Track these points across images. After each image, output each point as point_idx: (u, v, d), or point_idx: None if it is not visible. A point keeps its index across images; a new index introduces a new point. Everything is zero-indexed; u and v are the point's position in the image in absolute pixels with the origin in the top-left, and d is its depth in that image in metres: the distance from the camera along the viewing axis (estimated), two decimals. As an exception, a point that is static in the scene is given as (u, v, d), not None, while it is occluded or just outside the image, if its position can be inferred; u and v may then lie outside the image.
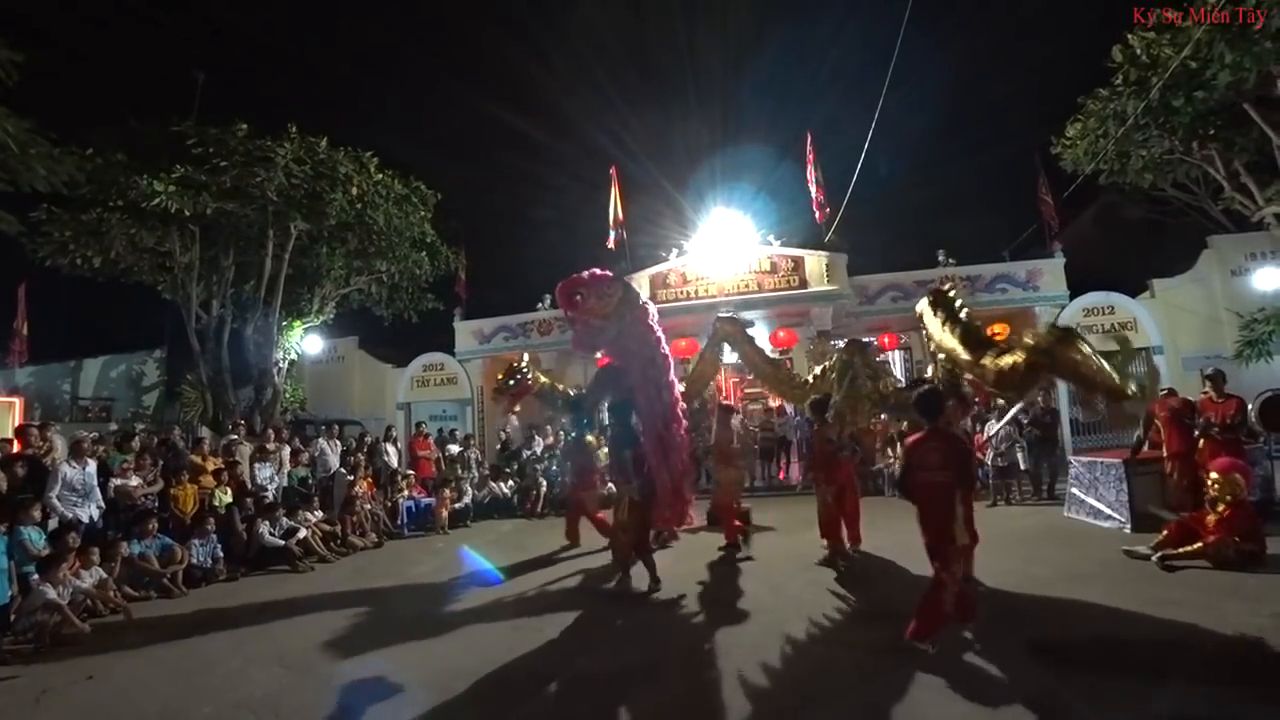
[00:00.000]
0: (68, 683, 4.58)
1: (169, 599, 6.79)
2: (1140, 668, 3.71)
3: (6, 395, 11.50)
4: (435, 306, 17.14)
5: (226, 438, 10.16)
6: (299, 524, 8.44)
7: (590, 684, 4.08)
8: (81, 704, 4.24)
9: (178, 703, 4.11)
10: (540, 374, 8.33)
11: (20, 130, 8.79)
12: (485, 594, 6.31)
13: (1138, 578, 5.38)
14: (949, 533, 4.06)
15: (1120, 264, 15.27)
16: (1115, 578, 5.39)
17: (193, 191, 11.78)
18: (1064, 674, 3.67)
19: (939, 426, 4.44)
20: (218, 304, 14.06)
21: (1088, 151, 13.17)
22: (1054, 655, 3.94)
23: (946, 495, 4.10)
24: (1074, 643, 4.14)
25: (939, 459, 4.21)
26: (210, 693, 4.22)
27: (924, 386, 4.99)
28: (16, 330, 18.44)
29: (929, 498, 4.22)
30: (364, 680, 4.30)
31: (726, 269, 13.84)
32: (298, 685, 4.26)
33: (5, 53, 8.48)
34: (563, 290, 6.25)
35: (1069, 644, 4.12)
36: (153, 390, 18.40)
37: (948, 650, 4.02)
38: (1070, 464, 8.67)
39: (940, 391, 5.04)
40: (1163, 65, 10.65)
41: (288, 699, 4.06)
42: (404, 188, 14.65)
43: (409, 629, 5.26)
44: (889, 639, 4.20)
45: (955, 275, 14.16)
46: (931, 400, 4.57)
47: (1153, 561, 5.70)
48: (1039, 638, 4.21)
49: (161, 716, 3.96)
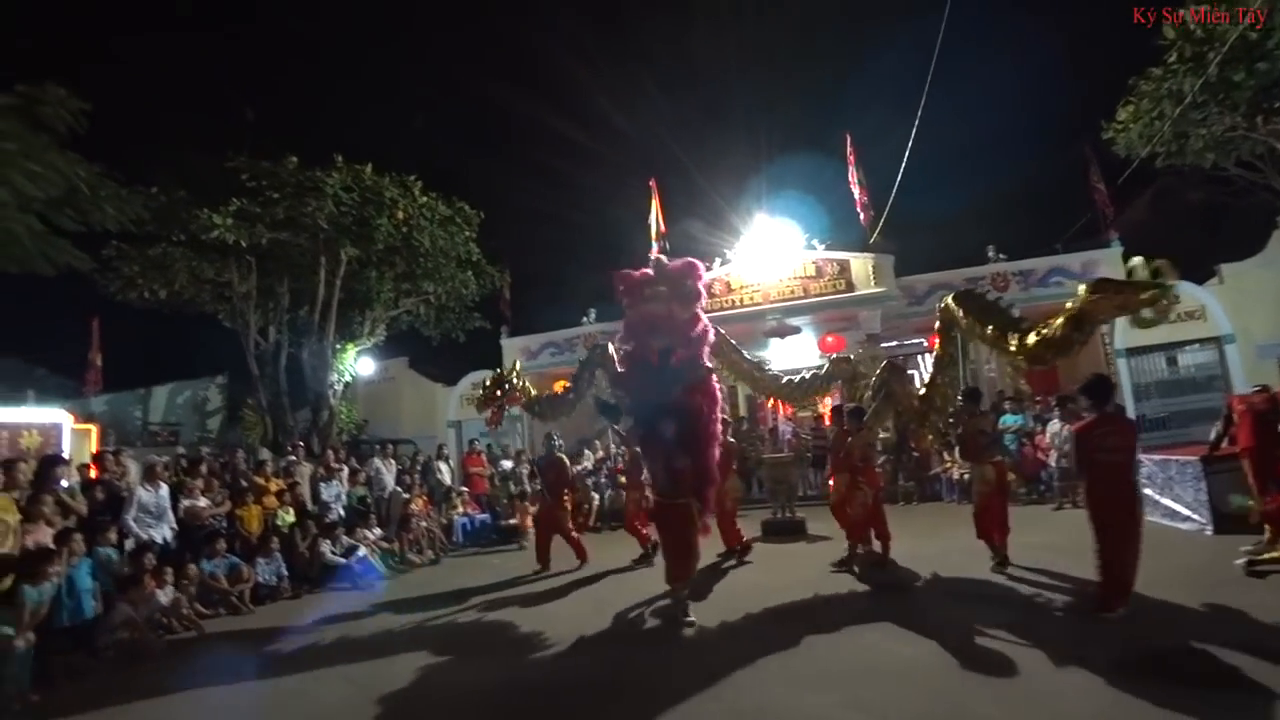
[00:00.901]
0: (143, 695, 4.76)
1: (237, 616, 7.04)
2: (1244, 681, 3.45)
3: (83, 423, 12.10)
4: (482, 325, 17.45)
5: (285, 459, 10.49)
6: (358, 542, 8.64)
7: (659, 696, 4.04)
8: (156, 716, 4.40)
9: (249, 718, 4.22)
10: (530, 386, 7.91)
11: (91, 174, 9.30)
12: (541, 610, 6.33)
13: (1224, 582, 5.04)
14: (1127, 508, 4.51)
15: (1183, 250, 14.50)
16: (1200, 583, 5.04)
17: (248, 223, 12.30)
18: (1164, 688, 3.41)
19: (1110, 411, 4.78)
20: (274, 330, 14.61)
21: (1142, 134, 12.60)
22: (1148, 668, 3.70)
23: (1124, 475, 4.59)
24: (1169, 653, 3.90)
25: (1117, 441, 4.59)
26: (278, 708, 4.33)
27: (1088, 383, 4.90)
28: (91, 361, 19.50)
29: (1106, 477, 4.57)
30: (425, 694, 4.35)
31: (771, 275, 13.69)
32: (362, 700, 4.33)
33: (76, 103, 9.01)
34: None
35: (1164, 655, 3.89)
36: (216, 415, 19.19)
37: (1034, 666, 3.85)
38: (1141, 462, 8.26)
39: (1108, 377, 5.28)
40: (1219, 38, 10.16)
41: (353, 714, 4.13)
42: (448, 209, 14.99)
43: (470, 643, 5.32)
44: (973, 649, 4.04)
45: (1006, 271, 13.76)
46: (1102, 386, 4.85)
47: (1238, 565, 5.36)
48: (1129, 650, 3.98)
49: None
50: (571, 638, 5.25)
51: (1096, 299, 4.24)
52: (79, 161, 9.15)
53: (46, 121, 8.83)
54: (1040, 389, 12.72)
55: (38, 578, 4.93)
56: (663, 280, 5.82)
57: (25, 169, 8.46)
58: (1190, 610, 4.52)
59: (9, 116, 8.43)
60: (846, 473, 6.95)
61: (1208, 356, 12.87)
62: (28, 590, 4.83)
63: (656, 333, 5.70)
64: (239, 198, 12.30)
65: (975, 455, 6.47)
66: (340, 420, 15.42)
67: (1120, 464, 4.59)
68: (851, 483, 6.90)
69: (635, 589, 6.63)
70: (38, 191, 8.68)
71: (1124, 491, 4.59)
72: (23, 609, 4.75)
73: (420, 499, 10.47)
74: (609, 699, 4.05)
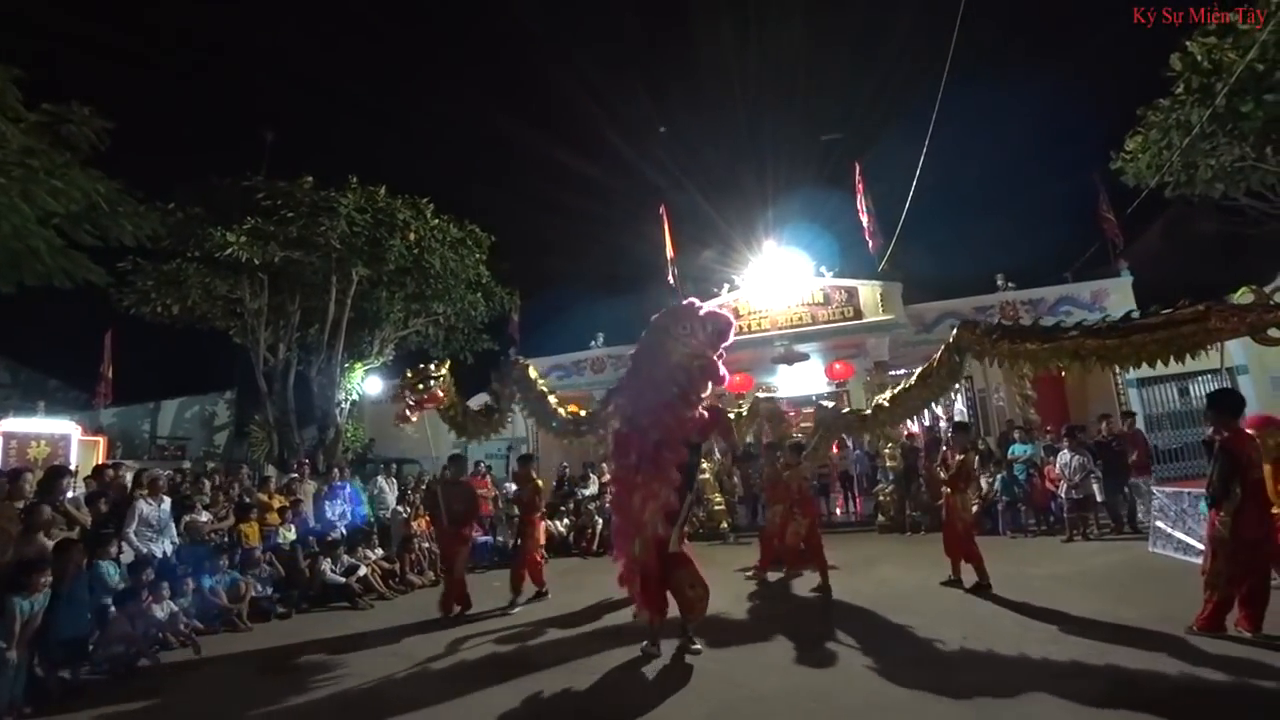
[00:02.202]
0: (138, 712, 4.71)
1: (235, 633, 6.97)
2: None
3: (92, 435, 12.20)
4: (490, 347, 17.54)
5: (288, 476, 10.48)
6: (359, 561, 8.58)
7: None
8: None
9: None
10: (455, 396, 7.04)
11: (110, 190, 9.48)
12: (544, 635, 6.24)
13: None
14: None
15: (1194, 279, 14.43)
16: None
17: (262, 241, 12.48)
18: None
19: (1239, 428, 4.81)
20: (284, 347, 14.72)
21: (1150, 164, 12.62)
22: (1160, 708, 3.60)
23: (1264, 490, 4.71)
24: (1179, 690, 3.80)
25: (1258, 458, 4.70)
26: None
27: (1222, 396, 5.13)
28: (102, 374, 19.67)
29: (1257, 494, 4.60)
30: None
31: (779, 302, 13.71)
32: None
33: (99, 122, 9.22)
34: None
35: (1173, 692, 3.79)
36: (223, 430, 19.31)
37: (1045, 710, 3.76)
38: (1153, 495, 8.13)
39: (1236, 392, 5.48)
40: (1227, 70, 10.21)
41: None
42: (459, 231, 15.16)
43: (467, 669, 5.24)
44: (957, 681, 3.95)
45: (1015, 300, 13.71)
46: (1235, 400, 4.96)
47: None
48: (1136, 687, 3.88)
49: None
50: (569, 665, 5.17)
51: (1226, 315, 4.45)
52: (100, 178, 9.33)
53: (70, 139, 9.04)
54: (1049, 419, 12.58)
55: (27, 589, 4.89)
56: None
57: (48, 185, 8.64)
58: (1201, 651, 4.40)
59: (35, 134, 8.64)
60: (782, 504, 7.58)
61: (1219, 387, 12.70)
62: (18, 602, 4.79)
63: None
64: (254, 216, 12.50)
65: (964, 486, 6.93)
66: (346, 439, 15.44)
67: (1261, 480, 4.70)
68: (787, 513, 7.48)
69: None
70: (59, 207, 8.85)
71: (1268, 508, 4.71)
72: (13, 620, 4.71)
73: (422, 519, 10.41)
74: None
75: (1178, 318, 4.63)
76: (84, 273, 9.78)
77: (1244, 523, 4.50)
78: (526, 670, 5.03)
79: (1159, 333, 4.72)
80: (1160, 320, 4.76)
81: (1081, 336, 5.15)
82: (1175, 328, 4.64)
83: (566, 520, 12.04)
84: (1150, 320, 4.84)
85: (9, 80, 8.20)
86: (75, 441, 10.48)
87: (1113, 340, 4.94)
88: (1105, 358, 5.02)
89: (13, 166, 8.23)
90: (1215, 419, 4.91)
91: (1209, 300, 4.61)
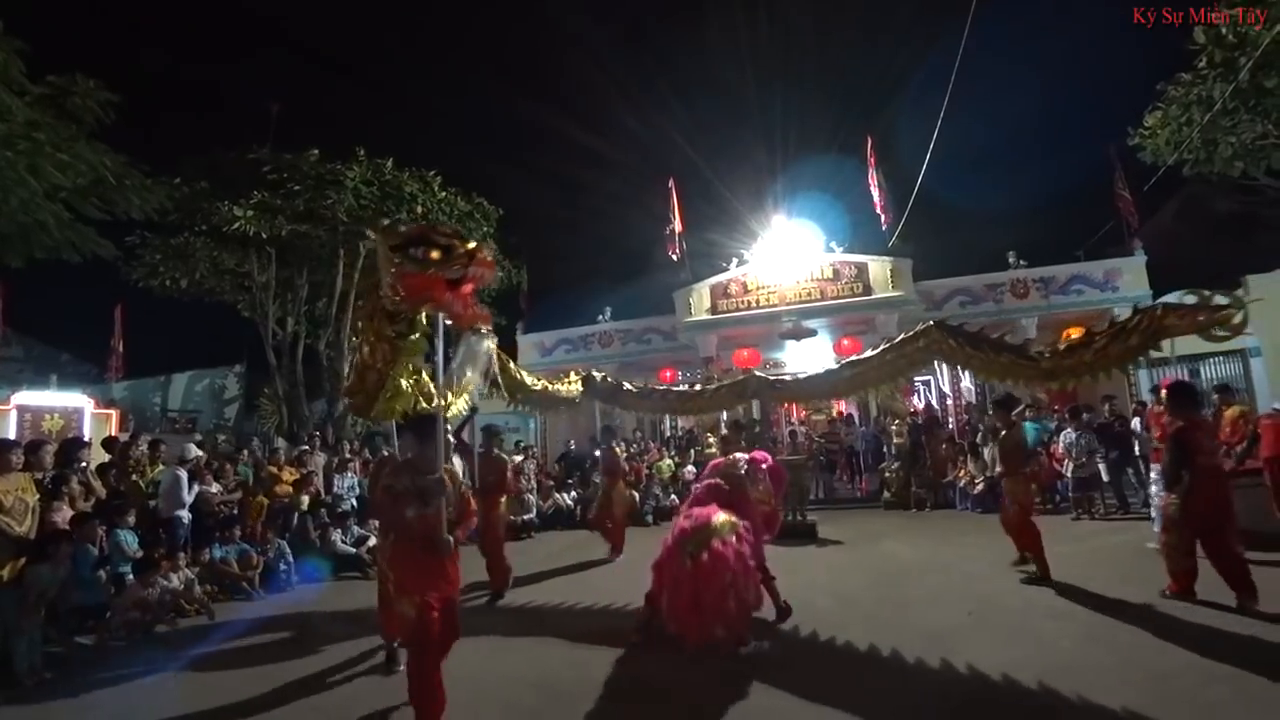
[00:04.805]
0: (153, 674, 4.84)
1: (248, 602, 7.11)
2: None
3: (104, 408, 12.32)
4: (498, 321, 17.52)
5: (298, 449, 10.58)
6: (369, 532, 8.69)
7: (650, 694, 4.03)
8: (165, 696, 4.45)
9: (256, 703, 4.25)
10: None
11: (117, 164, 9.46)
12: (545, 605, 6.35)
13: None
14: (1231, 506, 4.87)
15: (1209, 259, 14.28)
16: (1221, 597, 4.95)
17: (269, 215, 12.45)
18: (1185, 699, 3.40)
19: (1198, 418, 5.20)
20: (292, 321, 14.79)
21: (1169, 141, 12.35)
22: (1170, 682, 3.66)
23: (1224, 476, 5.10)
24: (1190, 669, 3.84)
25: (1212, 445, 5.08)
26: (285, 694, 4.36)
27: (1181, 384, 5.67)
28: (114, 348, 19.87)
29: (1212, 479, 4.90)
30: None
31: (788, 277, 13.63)
32: (371, 691, 4.36)
33: (105, 95, 9.18)
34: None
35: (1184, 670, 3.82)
36: (233, 403, 19.47)
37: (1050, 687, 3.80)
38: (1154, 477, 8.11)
39: (1192, 385, 6.02)
40: (1252, 43, 9.94)
41: (359, 704, 4.15)
42: (467, 205, 15.08)
43: (480, 637, 5.32)
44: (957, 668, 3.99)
45: (1027, 277, 13.59)
46: (1191, 392, 5.34)
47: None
48: (1144, 663, 3.93)
49: (240, 713, 4.11)
50: (571, 637, 5.24)
51: (1172, 316, 4.68)
52: (106, 151, 9.31)
53: (75, 112, 9.01)
54: (1056, 398, 12.54)
55: (52, 560, 5.00)
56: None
57: (54, 159, 8.63)
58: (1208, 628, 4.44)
59: (40, 107, 8.60)
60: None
61: (1231, 369, 12.60)
62: (42, 571, 4.90)
63: None
64: (260, 189, 12.46)
65: (1015, 467, 6.22)
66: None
67: (1219, 465, 5.13)
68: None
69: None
70: (65, 181, 8.84)
71: (1227, 490, 4.97)
72: (32, 589, 4.82)
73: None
74: (626, 700, 4.04)
75: (1129, 326, 4.93)
76: (92, 246, 9.82)
77: (1193, 503, 4.84)
78: (541, 635, 5.13)
79: (1113, 345, 4.99)
80: (1106, 338, 5.06)
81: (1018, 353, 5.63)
82: (1124, 339, 4.94)
83: (574, 493, 12.14)
84: (1096, 340, 5.12)
85: (12, 51, 8.14)
86: (88, 414, 10.59)
87: (1069, 361, 5.25)
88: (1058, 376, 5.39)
89: (19, 140, 8.22)
90: (1173, 409, 5.20)
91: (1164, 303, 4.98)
